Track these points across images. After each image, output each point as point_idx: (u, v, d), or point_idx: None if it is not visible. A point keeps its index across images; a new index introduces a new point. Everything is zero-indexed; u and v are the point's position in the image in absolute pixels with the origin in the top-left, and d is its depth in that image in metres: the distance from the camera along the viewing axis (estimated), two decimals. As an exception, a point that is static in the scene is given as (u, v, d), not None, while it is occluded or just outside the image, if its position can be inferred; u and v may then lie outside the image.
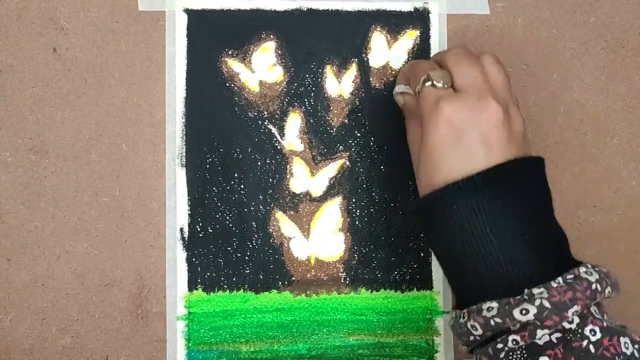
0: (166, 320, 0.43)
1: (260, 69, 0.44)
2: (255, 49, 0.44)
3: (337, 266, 0.44)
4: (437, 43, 0.44)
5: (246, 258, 0.43)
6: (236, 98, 0.43)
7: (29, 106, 0.42)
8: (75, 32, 0.43)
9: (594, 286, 0.32)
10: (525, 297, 0.32)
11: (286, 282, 0.43)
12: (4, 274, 0.42)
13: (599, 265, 0.34)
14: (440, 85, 0.35)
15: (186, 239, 0.43)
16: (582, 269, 0.33)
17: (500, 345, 0.32)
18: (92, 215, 0.42)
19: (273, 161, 0.43)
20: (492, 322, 0.32)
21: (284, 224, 0.43)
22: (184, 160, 0.43)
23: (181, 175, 0.43)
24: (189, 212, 0.43)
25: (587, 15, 0.45)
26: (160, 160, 0.43)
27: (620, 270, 0.45)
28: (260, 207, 0.43)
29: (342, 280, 0.43)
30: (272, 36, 0.44)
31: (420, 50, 0.44)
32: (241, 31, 0.43)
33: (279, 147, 0.43)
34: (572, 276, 0.32)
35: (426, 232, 0.37)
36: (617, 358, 0.31)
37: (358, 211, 0.44)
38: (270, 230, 0.43)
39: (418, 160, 0.36)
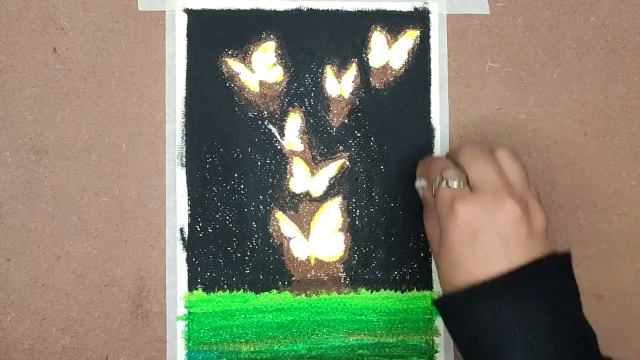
0: (166, 320, 0.43)
1: (260, 69, 0.44)
2: (255, 49, 0.44)
3: (337, 266, 0.44)
4: (437, 43, 0.44)
5: (246, 258, 0.43)
6: (236, 98, 0.43)
7: (29, 106, 0.42)
8: (75, 32, 0.43)
9: None
10: None
11: (286, 282, 0.43)
12: (4, 274, 0.42)
13: None
14: (455, 185, 0.35)
15: (186, 239, 0.43)
16: None
17: None
18: (92, 215, 0.42)
19: (273, 161, 0.43)
20: None
21: (284, 224, 0.43)
22: (184, 160, 0.43)
23: (181, 175, 0.43)
24: (189, 212, 0.43)
25: (587, 15, 0.45)
26: (160, 160, 0.43)
27: (620, 270, 0.45)
28: (260, 207, 0.43)
29: (342, 280, 0.43)
30: (272, 36, 0.44)
31: (420, 50, 0.44)
32: (241, 31, 0.43)
33: (279, 147, 0.43)
34: None
35: (450, 329, 0.36)
36: None
37: (358, 211, 0.44)
38: (270, 230, 0.43)
39: (438, 257, 0.36)
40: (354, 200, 0.44)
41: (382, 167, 0.44)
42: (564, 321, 0.33)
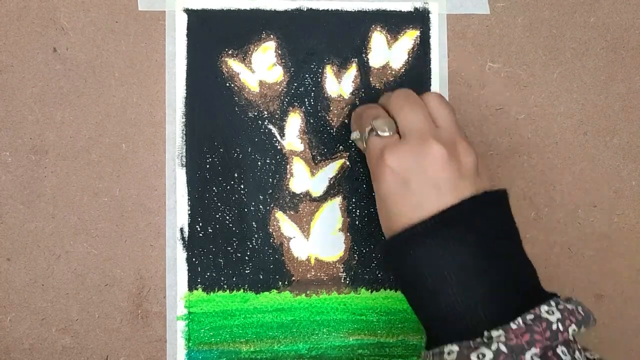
0: (166, 320, 0.43)
1: (260, 69, 0.44)
2: (255, 49, 0.44)
3: (337, 266, 0.44)
4: (437, 43, 0.44)
5: (246, 258, 0.43)
6: (236, 98, 0.43)
7: (29, 106, 0.42)
8: (75, 32, 0.43)
9: (554, 326, 0.31)
10: (485, 339, 0.31)
11: (286, 282, 0.43)
12: (4, 274, 0.42)
13: (570, 301, 0.33)
14: (385, 134, 0.35)
15: (186, 239, 0.43)
16: (544, 308, 0.31)
17: None
18: (92, 215, 0.42)
19: (273, 161, 0.43)
20: None
21: (284, 224, 0.43)
22: (184, 160, 0.43)
23: (181, 175, 0.43)
24: (189, 212, 0.43)
25: (587, 15, 0.45)
26: (160, 160, 0.43)
27: (620, 270, 0.45)
28: (260, 207, 0.43)
29: (342, 280, 0.43)
30: (272, 36, 0.44)
31: (420, 50, 0.44)
32: (241, 31, 0.43)
33: (279, 147, 0.43)
34: (532, 316, 0.31)
35: (392, 274, 0.37)
36: None
37: (358, 211, 0.44)
38: (270, 230, 0.43)
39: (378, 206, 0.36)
40: (354, 200, 0.44)
41: (382, 167, 0.44)
42: (501, 256, 0.33)
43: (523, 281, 0.34)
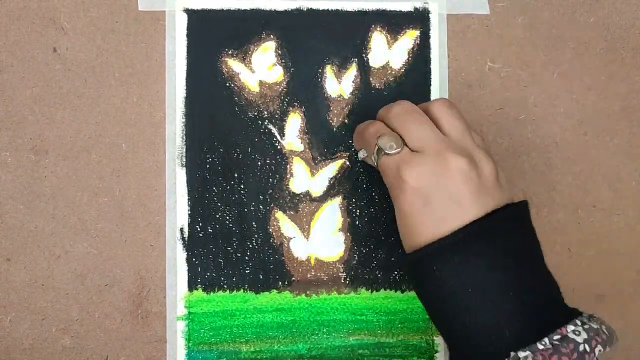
0: (166, 320, 0.43)
1: (260, 69, 0.44)
2: (255, 49, 0.44)
3: (337, 266, 0.44)
4: (437, 43, 0.44)
5: (246, 258, 0.43)
6: (236, 98, 0.43)
7: (29, 106, 0.42)
8: (75, 32, 0.43)
9: (581, 347, 0.30)
10: None
11: (286, 282, 0.43)
12: (4, 274, 0.42)
13: (593, 319, 0.32)
14: (393, 151, 0.34)
15: (186, 239, 0.43)
16: (570, 328, 0.31)
17: None
18: (92, 215, 0.42)
19: (273, 161, 0.43)
20: None
21: (284, 224, 0.43)
22: (184, 160, 0.43)
23: (181, 175, 0.43)
24: (189, 212, 0.43)
25: (587, 15, 0.45)
26: (160, 160, 0.43)
27: (620, 270, 0.45)
28: (260, 207, 0.43)
29: (342, 280, 0.43)
30: (272, 36, 0.44)
31: (420, 50, 0.44)
32: (241, 31, 0.43)
33: (279, 147, 0.43)
34: (558, 336, 0.30)
35: (415, 290, 0.36)
36: None
37: (358, 211, 0.44)
38: (270, 230, 0.43)
39: (398, 223, 0.35)
40: (354, 200, 0.44)
41: (382, 167, 0.44)
42: (524, 270, 0.32)
43: (547, 297, 0.33)
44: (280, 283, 0.43)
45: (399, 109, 0.36)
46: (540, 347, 0.30)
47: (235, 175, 0.43)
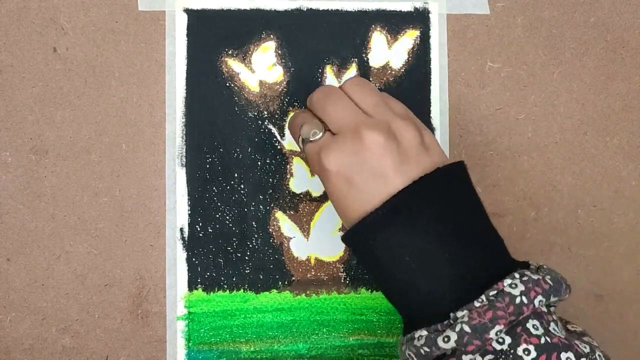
0: (166, 320, 0.43)
1: (260, 69, 0.44)
2: (255, 49, 0.44)
3: (337, 266, 0.44)
4: (437, 43, 0.44)
5: (246, 258, 0.43)
6: (236, 98, 0.43)
7: (29, 106, 0.42)
8: (75, 32, 0.43)
9: (518, 300, 0.29)
10: (451, 321, 0.30)
11: (286, 282, 0.43)
12: (4, 274, 0.42)
13: (540, 270, 0.32)
14: (316, 137, 0.34)
15: (186, 239, 0.43)
16: (507, 282, 0.30)
17: None
18: (92, 215, 0.42)
19: (273, 161, 0.43)
20: (422, 351, 0.30)
21: (284, 224, 0.43)
22: (184, 160, 0.43)
23: (181, 175, 0.43)
24: (189, 212, 0.43)
25: (587, 15, 0.45)
26: (160, 160, 0.43)
27: (620, 270, 0.45)
28: (260, 207, 0.43)
29: (342, 280, 0.43)
30: (272, 36, 0.44)
31: (420, 50, 0.44)
32: (241, 31, 0.43)
33: (279, 147, 0.43)
34: (494, 292, 0.30)
35: (359, 263, 0.36)
36: None
37: (358, 211, 0.44)
38: (270, 230, 0.43)
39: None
40: (354, 200, 0.44)
41: (382, 167, 0.44)
42: (461, 232, 0.32)
43: (490, 255, 0.32)
44: (280, 283, 0.43)
45: (317, 91, 0.36)
46: (477, 304, 0.30)
47: (235, 175, 0.43)
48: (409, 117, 0.35)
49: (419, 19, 0.44)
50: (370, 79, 0.44)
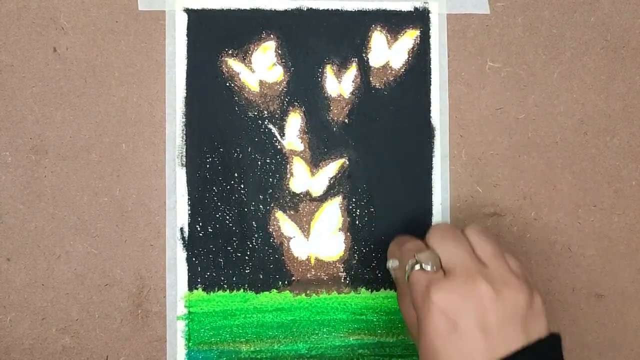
0: (166, 320, 0.43)
1: (260, 68, 0.44)
2: (255, 48, 0.44)
3: (337, 266, 0.44)
4: (437, 43, 0.44)
5: (246, 258, 0.43)
6: (236, 98, 0.43)
7: (29, 106, 0.42)
8: (75, 32, 0.43)
9: None
10: None
11: (286, 282, 0.43)
12: (4, 274, 0.42)
13: None
14: (428, 268, 0.34)
15: (186, 238, 0.43)
16: None
17: None
18: (92, 215, 0.42)
19: (273, 161, 0.43)
20: None
21: (284, 223, 0.43)
22: (184, 160, 0.43)
23: (181, 175, 0.43)
24: (189, 212, 0.43)
25: (587, 15, 0.45)
26: (160, 160, 0.43)
27: (621, 270, 0.45)
28: (260, 207, 0.43)
29: (342, 280, 0.43)
30: (272, 36, 0.44)
31: (420, 50, 0.44)
32: (241, 31, 0.43)
33: (279, 147, 0.43)
34: None
35: None
36: None
37: (358, 211, 0.44)
38: (270, 230, 0.43)
39: (418, 342, 0.34)
40: (354, 200, 0.44)
41: (382, 166, 0.44)
42: None
43: None
44: (280, 283, 0.43)
45: (439, 225, 0.36)
46: None
47: (235, 175, 0.43)
48: (524, 276, 0.34)
49: (419, 18, 0.44)
50: (370, 78, 0.44)
